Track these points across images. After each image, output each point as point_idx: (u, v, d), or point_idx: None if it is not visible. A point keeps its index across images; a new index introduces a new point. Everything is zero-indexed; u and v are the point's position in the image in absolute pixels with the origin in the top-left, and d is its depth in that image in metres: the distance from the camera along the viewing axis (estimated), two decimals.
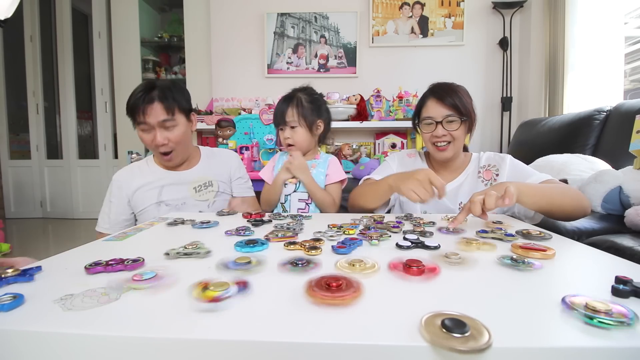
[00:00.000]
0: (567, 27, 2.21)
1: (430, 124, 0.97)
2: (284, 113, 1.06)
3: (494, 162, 1.00)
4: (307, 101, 1.07)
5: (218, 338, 0.28)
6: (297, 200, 1.09)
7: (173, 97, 1.01)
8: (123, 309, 0.33)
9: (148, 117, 0.97)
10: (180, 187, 1.07)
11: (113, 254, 0.47)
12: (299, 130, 1.07)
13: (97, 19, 3.28)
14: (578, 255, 0.52)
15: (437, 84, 1.02)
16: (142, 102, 0.97)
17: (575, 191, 0.83)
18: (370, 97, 2.56)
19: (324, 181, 1.10)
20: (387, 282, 0.39)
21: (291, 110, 1.05)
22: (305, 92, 1.10)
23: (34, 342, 0.29)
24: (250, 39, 2.78)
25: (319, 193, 1.06)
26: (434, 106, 0.97)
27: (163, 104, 0.98)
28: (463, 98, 0.96)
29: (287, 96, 1.09)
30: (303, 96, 1.07)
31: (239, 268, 0.43)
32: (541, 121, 2.12)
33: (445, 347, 0.25)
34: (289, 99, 1.08)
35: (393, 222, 0.69)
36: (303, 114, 1.06)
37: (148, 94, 0.97)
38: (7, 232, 2.51)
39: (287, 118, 1.06)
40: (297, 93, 1.08)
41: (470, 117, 0.97)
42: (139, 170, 1.10)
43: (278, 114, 1.08)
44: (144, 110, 0.97)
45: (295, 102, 1.06)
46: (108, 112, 3.38)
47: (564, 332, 0.28)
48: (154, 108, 0.97)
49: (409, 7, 2.73)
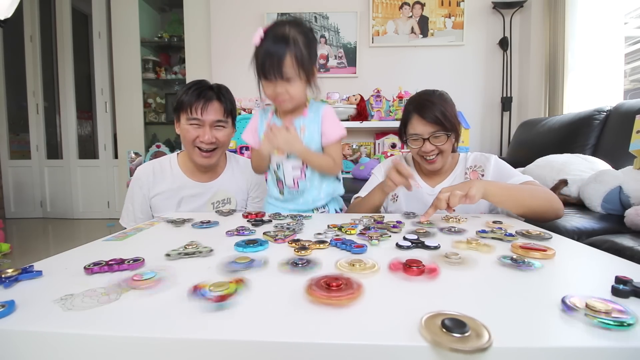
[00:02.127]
0: (567, 27, 2.21)
1: (417, 139, 0.96)
2: (280, 62, 0.79)
3: (480, 162, 1.02)
4: (305, 44, 0.81)
5: (218, 338, 0.28)
6: (291, 168, 0.92)
7: (229, 99, 1.04)
8: (123, 309, 0.33)
9: (205, 113, 0.98)
10: (199, 200, 1.06)
11: (113, 254, 0.47)
12: (296, 83, 0.83)
13: (97, 19, 3.28)
14: (578, 255, 0.52)
15: (419, 98, 0.98)
16: (201, 99, 0.97)
17: (547, 193, 0.85)
18: (370, 97, 2.56)
19: (319, 140, 0.91)
20: (387, 282, 0.39)
21: (290, 59, 0.79)
22: (299, 29, 0.82)
23: (34, 342, 0.29)
24: (250, 39, 2.77)
25: (317, 160, 0.90)
26: (418, 123, 0.95)
27: (221, 104, 1.01)
28: (447, 111, 0.93)
29: (277, 34, 0.80)
30: (299, 37, 0.81)
31: (239, 268, 0.43)
32: (541, 121, 2.12)
33: (445, 347, 0.25)
34: (283, 41, 0.79)
35: (393, 222, 0.69)
36: (302, 63, 0.81)
37: (207, 91, 0.99)
38: (7, 232, 2.51)
39: (286, 68, 0.79)
40: (290, 31, 0.81)
41: (455, 130, 0.96)
42: (162, 173, 1.07)
43: (269, 62, 0.79)
44: (203, 106, 0.97)
45: (293, 47, 0.80)
46: (108, 112, 3.38)
47: (564, 332, 0.28)
48: (213, 106, 0.99)
49: (409, 7, 2.73)
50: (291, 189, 0.94)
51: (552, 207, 0.83)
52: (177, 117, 1.03)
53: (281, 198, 0.97)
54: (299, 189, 0.94)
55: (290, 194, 0.95)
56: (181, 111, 1.00)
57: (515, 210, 0.82)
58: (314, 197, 0.95)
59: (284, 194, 0.96)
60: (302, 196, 0.95)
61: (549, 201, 0.83)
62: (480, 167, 1.01)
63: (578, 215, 1.22)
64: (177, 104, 1.01)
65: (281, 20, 0.85)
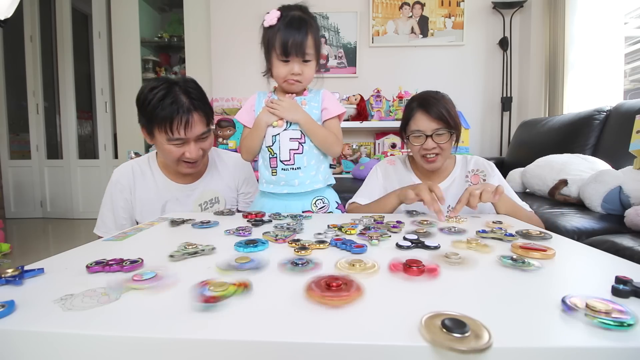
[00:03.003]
0: (567, 27, 2.21)
1: (420, 136, 0.96)
2: (303, 42, 0.82)
3: (483, 168, 1.03)
4: (317, 28, 0.86)
5: (218, 338, 0.28)
6: (289, 139, 0.89)
7: (205, 102, 0.91)
8: (123, 309, 0.32)
9: (189, 131, 0.86)
10: (184, 202, 1.00)
11: (113, 254, 0.47)
12: (312, 64, 0.87)
13: (97, 19, 3.28)
14: (578, 255, 0.52)
15: (424, 95, 1.00)
16: (180, 114, 0.83)
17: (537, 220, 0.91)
18: (370, 97, 2.56)
19: (320, 117, 0.92)
20: (387, 282, 0.39)
21: (310, 40, 0.83)
22: (309, 14, 0.87)
23: (34, 342, 0.29)
24: (250, 39, 2.78)
25: (320, 132, 0.89)
26: (422, 119, 0.96)
27: (201, 114, 0.89)
28: (450, 109, 0.95)
29: (296, 16, 0.83)
30: (312, 21, 0.85)
31: (239, 268, 0.43)
32: (541, 121, 2.12)
33: (446, 347, 0.25)
34: (303, 23, 0.82)
35: (393, 222, 0.69)
36: (318, 46, 0.86)
37: (184, 102, 0.85)
38: (7, 232, 2.51)
39: (307, 50, 0.83)
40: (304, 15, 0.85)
41: (458, 129, 0.97)
42: (142, 176, 1.00)
43: (291, 42, 0.81)
44: (185, 124, 0.84)
45: (311, 29, 0.84)
46: (108, 112, 3.38)
47: (564, 332, 0.28)
48: (194, 120, 0.87)
49: (409, 7, 2.73)
50: (286, 165, 0.89)
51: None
52: (149, 130, 0.88)
53: (274, 180, 0.91)
54: (294, 164, 0.89)
55: (284, 172, 0.90)
56: (156, 128, 0.86)
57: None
58: (310, 178, 0.90)
59: (277, 173, 0.90)
60: (297, 177, 0.90)
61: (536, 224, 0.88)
62: (483, 172, 1.01)
63: (578, 215, 1.22)
64: (148, 115, 0.85)
65: (290, 5, 0.86)
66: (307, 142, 0.90)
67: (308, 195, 0.92)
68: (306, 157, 0.90)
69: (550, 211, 1.33)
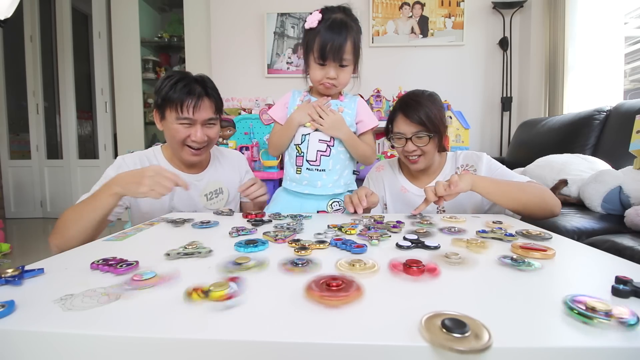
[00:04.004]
0: (567, 27, 2.21)
1: (401, 138, 0.96)
2: (341, 47, 0.81)
3: (472, 161, 1.01)
4: (358, 32, 0.85)
5: (218, 338, 0.28)
6: (318, 140, 0.91)
7: (217, 95, 0.99)
8: (123, 309, 0.32)
9: (197, 112, 0.92)
10: (191, 192, 1.01)
11: (113, 254, 0.47)
12: (348, 69, 0.87)
13: (97, 19, 3.28)
14: (578, 255, 0.52)
15: (406, 98, 0.98)
16: (191, 96, 0.90)
17: (541, 190, 0.84)
18: (370, 97, 2.56)
19: (352, 124, 0.93)
20: (387, 282, 0.39)
21: (350, 45, 0.82)
22: (352, 16, 0.85)
23: (34, 342, 0.29)
24: (250, 39, 2.78)
25: (360, 147, 0.92)
26: (402, 122, 0.96)
27: (211, 101, 0.96)
28: (432, 112, 0.92)
29: (337, 20, 0.82)
30: (354, 24, 0.83)
31: (239, 268, 0.43)
32: (541, 121, 2.12)
33: (445, 347, 0.25)
34: (344, 27, 0.81)
35: (393, 222, 0.69)
36: (357, 51, 0.85)
37: (195, 86, 0.92)
38: (7, 232, 2.51)
39: (345, 55, 0.82)
40: (347, 18, 0.84)
41: (439, 132, 0.94)
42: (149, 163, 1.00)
43: (330, 46, 0.80)
44: (194, 105, 0.91)
45: (352, 33, 0.82)
46: (108, 112, 3.37)
47: (564, 332, 0.28)
48: (204, 104, 0.93)
49: (409, 7, 2.73)
50: (311, 165, 0.91)
51: (546, 203, 0.82)
52: (161, 114, 0.95)
53: (297, 178, 0.93)
54: (320, 165, 0.91)
55: (308, 172, 0.92)
56: (168, 108, 0.92)
57: (505, 203, 0.82)
58: (333, 182, 0.92)
59: (301, 171, 0.92)
60: (320, 178, 0.92)
61: (541, 197, 0.82)
62: (472, 166, 1.00)
63: (578, 215, 1.22)
64: (161, 99, 0.92)
65: (333, 6, 0.86)
66: (335, 146, 0.92)
67: (326, 197, 0.93)
68: (332, 160, 0.92)
69: None
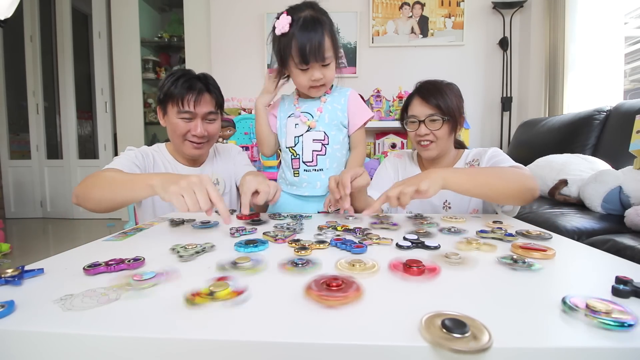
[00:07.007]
0: (567, 27, 2.21)
1: (414, 122, 0.96)
2: (321, 45, 0.77)
3: (478, 156, 1.00)
4: (331, 25, 0.81)
5: (218, 338, 0.28)
6: (312, 140, 0.89)
7: (218, 91, 1.02)
8: (123, 309, 0.32)
9: (198, 106, 0.95)
10: None
11: (113, 254, 0.47)
12: (332, 66, 0.83)
13: (97, 19, 3.27)
14: (578, 255, 0.52)
15: (425, 82, 1.00)
16: (192, 91, 0.94)
17: (518, 174, 0.77)
18: (370, 97, 2.56)
19: (340, 117, 0.90)
20: (387, 282, 0.39)
21: (329, 41, 0.78)
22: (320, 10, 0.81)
23: (34, 343, 0.29)
24: (250, 39, 2.78)
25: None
26: (418, 105, 0.96)
27: (212, 96, 0.99)
28: (448, 97, 0.93)
29: (308, 18, 0.77)
30: (325, 18, 0.79)
31: (239, 268, 0.43)
32: (541, 121, 2.12)
33: (446, 347, 0.25)
34: (318, 24, 0.77)
35: (393, 222, 0.69)
36: (336, 44, 0.81)
37: (197, 82, 0.95)
38: (7, 232, 2.51)
39: (326, 53, 0.79)
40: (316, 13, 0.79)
41: (453, 117, 0.94)
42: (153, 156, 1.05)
43: (308, 48, 0.76)
44: (195, 99, 0.94)
45: (327, 28, 0.78)
46: (108, 112, 3.37)
47: (564, 332, 0.28)
48: (204, 99, 0.96)
49: (409, 7, 2.73)
50: (308, 166, 0.91)
51: (525, 185, 0.75)
52: (163, 109, 0.99)
53: (296, 181, 0.93)
54: (317, 165, 0.90)
55: (306, 173, 0.91)
56: (169, 103, 0.96)
57: (484, 195, 0.77)
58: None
59: (299, 174, 0.92)
60: (319, 179, 0.91)
61: (519, 182, 0.76)
62: (477, 160, 0.99)
63: (578, 215, 1.22)
64: (163, 95, 0.96)
65: (299, 5, 0.81)
66: (330, 144, 0.90)
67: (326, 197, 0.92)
68: (329, 159, 0.91)
69: (550, 211, 1.33)
